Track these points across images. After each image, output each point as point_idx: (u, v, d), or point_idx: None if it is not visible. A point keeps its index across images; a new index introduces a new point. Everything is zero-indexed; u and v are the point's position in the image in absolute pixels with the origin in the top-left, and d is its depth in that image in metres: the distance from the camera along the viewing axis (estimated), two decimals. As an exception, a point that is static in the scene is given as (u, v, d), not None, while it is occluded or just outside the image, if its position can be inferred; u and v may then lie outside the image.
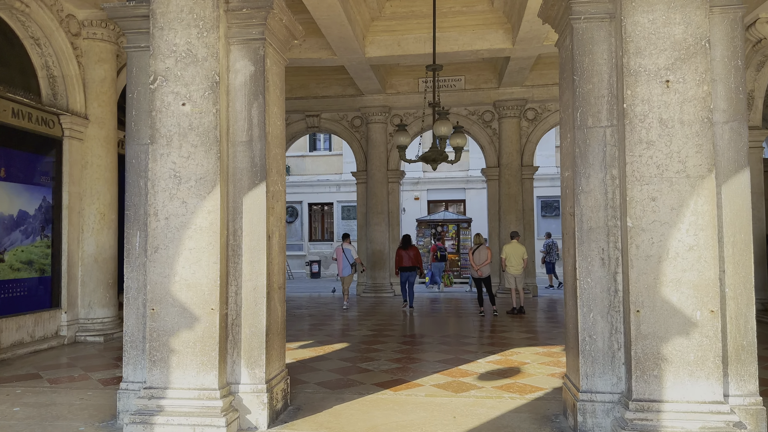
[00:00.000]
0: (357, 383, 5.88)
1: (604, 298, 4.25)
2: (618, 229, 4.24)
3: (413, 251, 12.41)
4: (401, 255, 12.36)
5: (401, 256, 12.35)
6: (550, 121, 15.23)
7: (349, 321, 10.81)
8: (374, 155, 15.36)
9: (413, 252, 12.40)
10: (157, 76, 4.53)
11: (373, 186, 15.32)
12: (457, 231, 21.45)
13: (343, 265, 12.77)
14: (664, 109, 4.01)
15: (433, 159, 10.24)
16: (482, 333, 9.30)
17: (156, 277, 4.45)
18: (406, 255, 12.33)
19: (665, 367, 3.92)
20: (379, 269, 15.21)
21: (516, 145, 14.99)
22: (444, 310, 12.46)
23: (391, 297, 14.83)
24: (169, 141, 4.49)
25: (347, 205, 24.71)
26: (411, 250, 12.39)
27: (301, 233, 25.22)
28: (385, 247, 15.25)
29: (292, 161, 25.26)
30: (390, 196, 15.67)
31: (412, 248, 12.49)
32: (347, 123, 15.95)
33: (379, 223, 15.25)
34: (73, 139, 8.74)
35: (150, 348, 4.45)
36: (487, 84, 15.04)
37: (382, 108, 15.30)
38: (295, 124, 16.08)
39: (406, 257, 12.31)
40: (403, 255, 12.34)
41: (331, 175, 25.05)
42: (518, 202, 14.88)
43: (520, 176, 15.01)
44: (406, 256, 12.31)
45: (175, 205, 4.46)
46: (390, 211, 15.64)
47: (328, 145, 25.52)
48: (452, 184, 24.21)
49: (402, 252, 12.41)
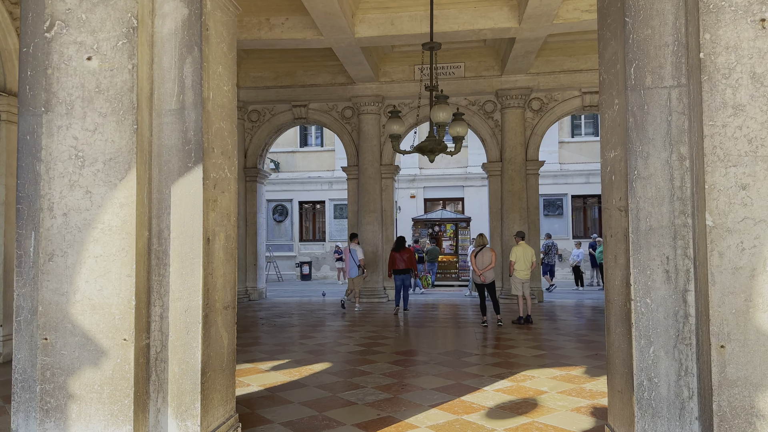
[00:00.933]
0: (334, 424, 4.68)
1: (669, 326, 3.05)
2: (690, 229, 3.04)
3: (407, 253, 12.06)
4: (394, 257, 11.98)
5: (394, 258, 11.97)
6: (556, 112, 14.05)
7: (336, 332, 9.61)
8: (366, 149, 14.16)
9: (407, 254, 12.04)
10: (55, 21, 3.32)
11: (365, 182, 14.12)
12: (456, 231, 20.27)
13: (351, 265, 12.44)
14: (759, 60, 2.82)
15: (431, 150, 9.06)
16: (486, 349, 8.11)
17: (50, 294, 3.24)
18: (399, 257, 11.96)
19: (762, 427, 2.73)
20: (371, 271, 14.00)
21: (520, 138, 13.80)
22: (442, 318, 11.27)
23: (384, 302, 13.63)
24: (70, 109, 3.28)
25: (340, 204, 23.50)
26: (404, 253, 12.02)
27: (291, 233, 24.00)
28: (378, 249, 14.06)
29: (281, 157, 24.03)
30: (384, 192, 14.47)
31: (406, 250, 12.11)
32: (337, 114, 14.74)
33: (372, 223, 14.05)
34: (11, 124, 7.52)
35: (42, 392, 3.24)
36: (488, 71, 13.86)
37: (375, 97, 14.10)
38: (281, 115, 14.86)
39: (399, 260, 11.93)
40: (397, 257, 11.97)
41: (322, 172, 23.84)
42: (522, 200, 13.69)
43: (524, 171, 13.83)
44: (399, 259, 11.94)
45: (76, 196, 3.25)
46: (383, 209, 14.44)
47: (320, 141, 24.30)
48: (450, 182, 23.02)
49: (395, 254, 12.02)
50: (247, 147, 14.93)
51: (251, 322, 10.85)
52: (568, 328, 9.85)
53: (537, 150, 14.09)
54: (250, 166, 14.88)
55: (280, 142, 23.87)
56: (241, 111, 14.62)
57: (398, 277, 11.86)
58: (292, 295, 16.87)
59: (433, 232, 20.04)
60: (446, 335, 9.21)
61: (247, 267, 14.78)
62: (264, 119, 14.94)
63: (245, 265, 14.70)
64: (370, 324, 10.41)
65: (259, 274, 15.04)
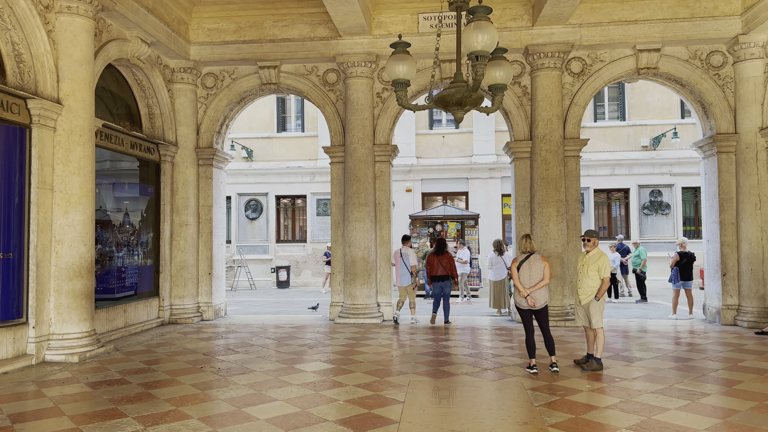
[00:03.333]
0: None
1: None
2: None
3: (446, 258, 10.78)
4: (433, 262, 10.75)
5: (433, 263, 10.74)
6: (603, 76, 10.81)
7: (305, 389, 6.26)
8: (355, 123, 10.83)
9: (446, 259, 10.76)
10: None
11: (354, 166, 10.78)
12: (461, 230, 16.98)
13: (402, 272, 10.91)
14: None
15: (458, 101, 5.76)
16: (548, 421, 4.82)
17: None
18: (438, 262, 10.70)
19: None
20: (360, 284, 10.68)
21: (556, 109, 10.54)
22: (464, 355, 7.97)
23: (378, 324, 10.31)
24: None
25: (324, 198, 20.14)
26: (444, 257, 10.76)
27: (266, 232, 20.56)
28: (369, 253, 10.73)
29: (255, 144, 20.60)
30: (378, 180, 11.14)
31: (446, 255, 10.82)
32: (317, 78, 11.38)
33: (362, 219, 10.72)
34: None
35: None
36: (515, 21, 10.59)
37: (367, 56, 10.77)
38: (244, 80, 11.46)
39: (438, 265, 10.69)
40: (435, 262, 10.72)
41: (304, 162, 20.45)
42: (560, 190, 10.43)
43: (562, 153, 10.57)
44: (438, 264, 10.70)
45: None
46: (377, 201, 11.12)
47: (301, 124, 20.91)
48: (452, 173, 19.74)
49: (434, 258, 10.78)
50: (200, 121, 11.52)
51: (188, 361, 7.48)
52: (664, 375, 6.60)
53: (578, 125, 10.83)
54: (203, 146, 11.47)
55: (254, 126, 20.48)
56: (191, 74, 11.21)
57: (437, 285, 10.68)
58: (263, 310, 13.47)
59: (435, 232, 16.75)
60: (479, 395, 5.90)
61: (199, 277, 11.37)
62: (223, 85, 11.54)
63: (196, 274, 11.29)
64: (361, 367, 7.08)
65: (216, 285, 11.63)
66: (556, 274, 10.27)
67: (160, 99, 10.83)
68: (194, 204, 11.29)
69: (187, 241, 11.12)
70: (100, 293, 9.09)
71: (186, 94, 11.27)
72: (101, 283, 9.18)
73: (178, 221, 11.11)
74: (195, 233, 11.29)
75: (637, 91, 19.17)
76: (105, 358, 7.76)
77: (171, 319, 10.92)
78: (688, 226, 19.07)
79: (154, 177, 10.92)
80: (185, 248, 11.10)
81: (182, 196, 11.13)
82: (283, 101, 20.90)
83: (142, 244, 10.45)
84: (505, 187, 19.36)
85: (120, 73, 10.32)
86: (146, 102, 10.82)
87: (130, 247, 10.06)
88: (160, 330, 10.12)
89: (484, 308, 13.39)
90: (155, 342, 8.96)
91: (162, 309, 10.81)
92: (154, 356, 7.86)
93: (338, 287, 11.18)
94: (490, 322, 10.91)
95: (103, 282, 9.27)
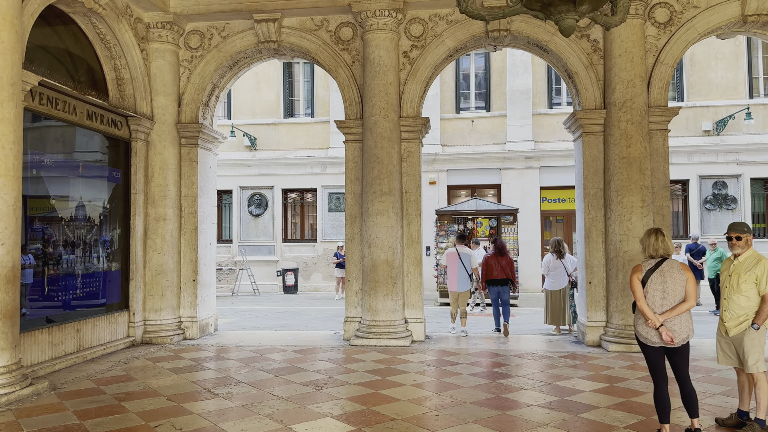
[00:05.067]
0: None
1: None
2: None
3: (507, 260, 9.72)
4: (491, 264, 9.65)
5: (491, 265, 9.64)
6: (697, 27, 8.35)
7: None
8: (376, 90, 8.47)
9: (507, 261, 9.71)
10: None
11: (375, 145, 8.44)
12: (497, 228, 14.56)
13: (459, 276, 9.56)
14: None
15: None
16: None
17: None
18: (497, 264, 9.61)
19: None
20: (383, 294, 8.32)
21: (639, 68, 8.10)
22: (542, 409, 5.56)
23: (406, 348, 7.93)
24: None
25: (337, 192, 17.81)
26: (504, 259, 9.69)
27: (271, 231, 18.26)
28: (394, 255, 8.38)
29: (259, 131, 18.32)
30: (405, 163, 8.79)
31: (507, 256, 9.77)
32: (329, 35, 9.03)
33: (385, 212, 8.37)
34: None
35: None
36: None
37: (391, 2, 8.41)
38: (236, 38, 9.15)
39: (497, 267, 9.60)
40: (494, 264, 9.63)
41: (314, 151, 18.13)
42: (644, 174, 8.00)
43: (646, 125, 8.13)
44: (497, 266, 9.60)
45: None
46: (404, 189, 8.76)
47: (310, 109, 18.58)
48: (482, 163, 17.29)
49: (493, 260, 9.66)
50: (182, 90, 9.23)
51: (141, 412, 5.17)
52: None
53: (665, 90, 8.38)
54: (187, 121, 9.17)
55: (258, 110, 18.20)
56: (172, 31, 8.93)
57: (494, 290, 9.56)
58: (264, 323, 11.17)
59: (465, 230, 14.34)
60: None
61: (181, 284, 9.08)
62: (210, 45, 9.24)
63: (176, 281, 9.00)
64: (397, 426, 4.73)
65: (203, 295, 9.33)
66: (640, 283, 7.86)
67: (131, 60, 8.55)
68: (175, 193, 9.00)
69: (165, 240, 8.83)
70: (38, 309, 6.83)
71: (164, 56, 8.98)
72: (42, 295, 6.92)
73: (154, 215, 8.83)
74: (175, 230, 9.00)
75: (697, 67, 16.61)
76: (29, 403, 5.49)
77: (144, 338, 8.65)
78: (759, 222, 16.46)
79: (123, 159, 8.65)
80: (163, 249, 8.81)
81: (159, 184, 8.85)
82: (291, 83, 18.59)
83: (104, 244, 8.18)
84: (545, 179, 16.90)
85: (81, 29, 8.06)
86: (113, 64, 8.54)
87: (88, 247, 7.79)
88: (127, 354, 7.84)
89: (531, 322, 10.98)
90: (111, 374, 6.67)
91: (132, 326, 8.54)
92: (98, 402, 5.55)
93: (354, 298, 8.84)
94: (550, 344, 8.50)
95: (46, 294, 7.00)
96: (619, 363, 7.07)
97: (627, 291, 7.87)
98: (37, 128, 7.03)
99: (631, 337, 7.79)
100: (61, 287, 7.26)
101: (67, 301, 7.36)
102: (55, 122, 7.25)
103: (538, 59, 17.12)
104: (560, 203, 17.06)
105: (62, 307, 7.28)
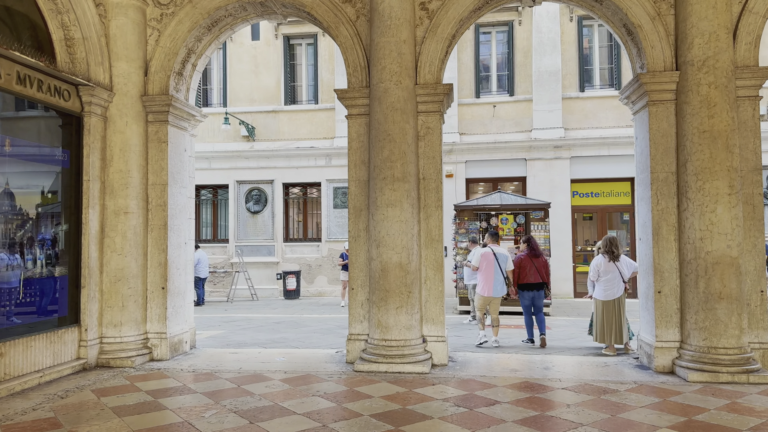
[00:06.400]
0: None
1: None
2: None
3: (541, 261, 8.60)
4: (525, 266, 8.54)
5: (525, 267, 8.53)
6: (797, -35, 6.52)
7: None
8: (387, 49, 6.74)
9: (541, 262, 8.59)
10: None
11: (385, 119, 6.70)
12: (525, 225, 12.77)
13: (495, 279, 8.51)
14: None
15: None
16: None
17: None
18: (531, 266, 8.54)
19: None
20: (396, 306, 6.58)
21: (723, 17, 6.30)
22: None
23: (424, 377, 6.18)
24: None
25: (343, 187, 16.11)
26: (540, 260, 8.59)
27: (271, 230, 16.59)
28: (409, 257, 6.64)
29: (258, 119, 16.65)
30: (422, 142, 7.05)
31: (542, 257, 8.64)
32: (327, -15, 7.31)
33: (398, 203, 6.64)
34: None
35: None
36: None
37: (406, -62, 6.67)
38: (215, -10, 7.45)
39: (531, 269, 8.51)
40: (529, 266, 8.54)
41: (318, 141, 16.45)
42: (732, 153, 6.19)
43: (733, 90, 6.32)
44: (531, 268, 8.52)
45: None
46: (422, 175, 7.03)
47: (314, 95, 16.88)
48: (504, 153, 15.50)
49: (527, 261, 8.58)
50: (149, 55, 7.54)
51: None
52: None
53: (755, 46, 6.56)
54: (155, 92, 7.48)
55: (256, 97, 16.54)
56: (135, -19, 7.26)
57: (527, 295, 8.58)
58: (255, 337, 9.46)
59: (489, 227, 12.57)
60: None
61: (148, 293, 7.39)
62: (184, 0, 7.56)
63: (142, 288, 7.32)
64: None
65: (175, 305, 7.64)
66: (728, 293, 6.06)
67: (81, 15, 6.90)
68: (139, 181, 7.33)
69: (126, 239, 7.16)
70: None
71: (127, 13, 7.31)
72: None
73: (113, 207, 7.16)
74: (140, 226, 7.32)
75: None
76: None
77: (100, 360, 6.98)
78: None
79: (73, 137, 6.99)
80: (124, 249, 7.15)
81: (120, 169, 7.18)
82: (293, 66, 16.91)
83: (45, 243, 6.52)
84: (576, 171, 15.08)
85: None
86: (60, 20, 6.89)
87: (18, 247, 6.13)
88: (71, 383, 6.18)
89: (570, 335, 9.20)
90: (32, 418, 4.99)
91: (84, 345, 6.87)
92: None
93: (360, 310, 7.12)
94: (608, 370, 6.71)
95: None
96: (712, 401, 5.28)
97: (711, 303, 6.08)
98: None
99: (718, 363, 6.01)
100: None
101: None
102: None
103: (567, 35, 15.29)
104: (593, 198, 15.24)
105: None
